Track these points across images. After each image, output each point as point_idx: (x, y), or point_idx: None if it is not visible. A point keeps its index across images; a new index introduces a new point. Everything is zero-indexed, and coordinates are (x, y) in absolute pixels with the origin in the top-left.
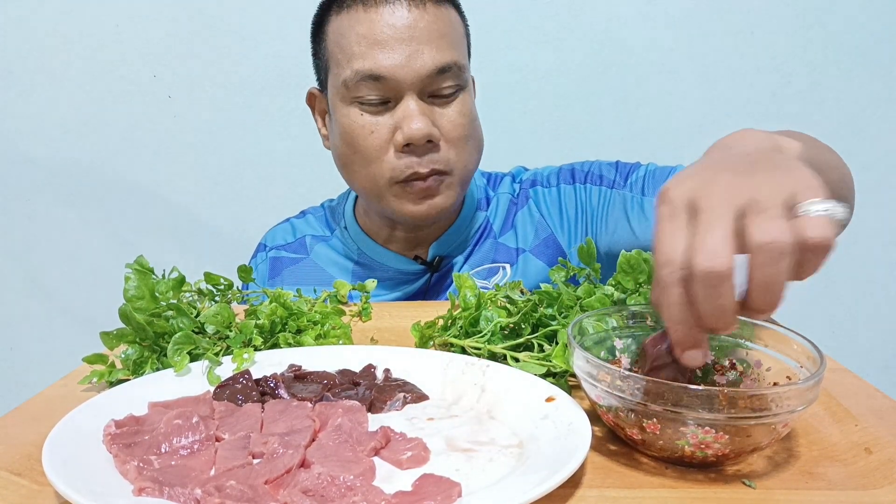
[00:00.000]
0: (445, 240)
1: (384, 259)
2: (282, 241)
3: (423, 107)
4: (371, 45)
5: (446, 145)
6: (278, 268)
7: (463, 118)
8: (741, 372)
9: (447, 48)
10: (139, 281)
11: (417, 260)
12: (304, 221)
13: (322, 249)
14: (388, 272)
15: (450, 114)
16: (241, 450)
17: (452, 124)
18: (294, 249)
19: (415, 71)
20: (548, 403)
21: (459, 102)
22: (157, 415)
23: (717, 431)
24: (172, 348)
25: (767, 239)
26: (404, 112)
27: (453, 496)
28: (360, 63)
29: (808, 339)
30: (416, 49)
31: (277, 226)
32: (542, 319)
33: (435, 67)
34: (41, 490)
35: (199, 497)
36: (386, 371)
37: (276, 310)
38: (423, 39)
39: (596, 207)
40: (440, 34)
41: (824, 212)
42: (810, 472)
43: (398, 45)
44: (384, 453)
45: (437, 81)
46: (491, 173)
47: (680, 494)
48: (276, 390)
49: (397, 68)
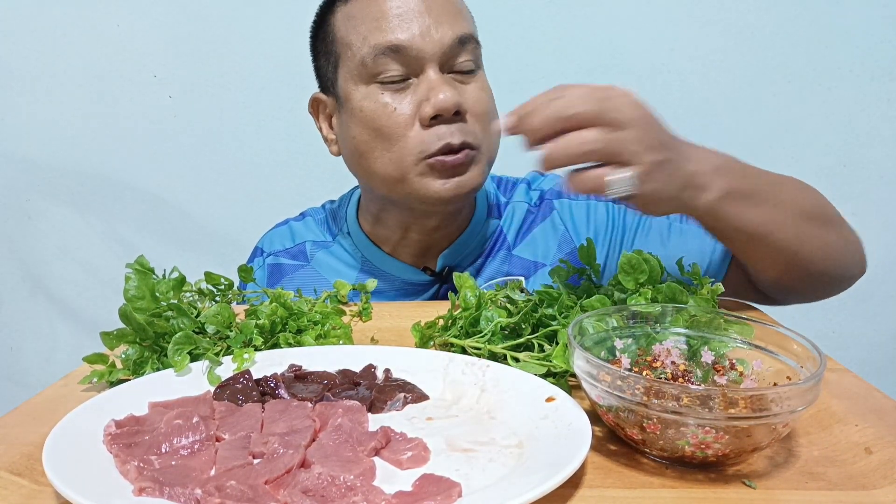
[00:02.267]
0: (456, 249)
1: (390, 269)
2: (280, 246)
3: (446, 79)
4: (388, 19)
5: (472, 118)
6: (277, 275)
7: (485, 94)
8: (741, 372)
9: (462, 21)
10: (139, 281)
11: (426, 271)
12: (303, 225)
13: (323, 257)
14: (394, 282)
15: (472, 89)
16: (241, 450)
17: (476, 99)
18: (293, 256)
19: (435, 41)
20: (548, 403)
21: (479, 80)
22: (157, 415)
23: (717, 431)
24: (173, 348)
25: (577, 140)
26: (429, 84)
27: (453, 496)
28: (378, 37)
29: (808, 339)
30: (434, 21)
31: (274, 229)
32: (543, 319)
33: (455, 37)
34: (41, 490)
35: (199, 497)
36: (386, 371)
37: (277, 310)
38: (440, 12)
39: (629, 227)
40: (454, 8)
41: (617, 175)
42: (810, 472)
43: (415, 17)
44: (384, 453)
45: (458, 54)
46: (501, 177)
47: (680, 494)
48: (277, 390)
49: (417, 38)
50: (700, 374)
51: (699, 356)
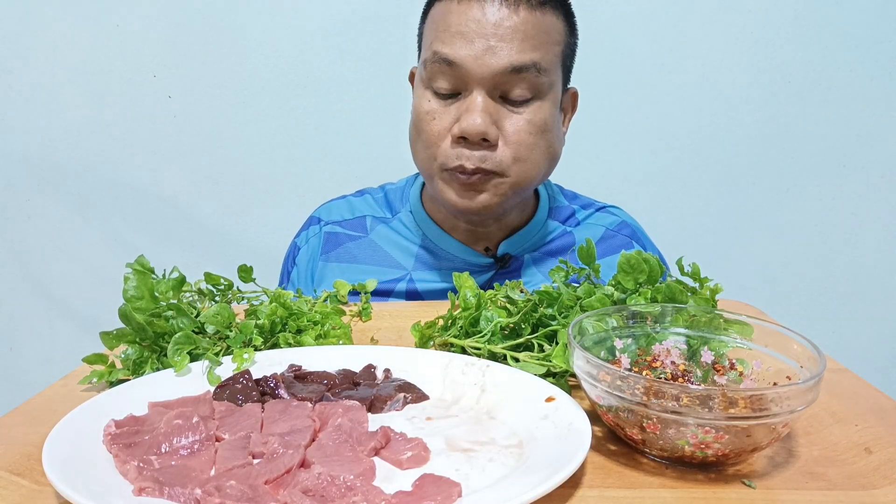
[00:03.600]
0: (516, 240)
1: (449, 247)
2: (338, 217)
3: (489, 104)
4: (454, 34)
5: (505, 148)
6: (335, 242)
7: (531, 126)
8: (741, 372)
9: (529, 50)
10: (139, 281)
11: (487, 253)
12: (362, 200)
13: (383, 230)
14: (454, 261)
15: (517, 120)
16: (241, 450)
17: (517, 129)
18: (352, 227)
19: (487, 65)
20: (548, 403)
21: (532, 111)
22: (157, 415)
23: (717, 431)
24: (172, 348)
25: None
26: (468, 105)
27: (453, 496)
28: (439, 46)
29: (808, 339)
30: (494, 45)
31: (332, 201)
32: (542, 319)
33: (509, 65)
34: (41, 490)
35: (199, 497)
36: (386, 371)
37: (276, 310)
38: (505, 38)
39: None
40: (525, 35)
41: None
42: (810, 472)
43: (478, 38)
44: (384, 453)
45: (511, 82)
46: (578, 195)
47: (680, 494)
48: (276, 390)
49: (470, 58)
50: (700, 374)
51: (699, 356)
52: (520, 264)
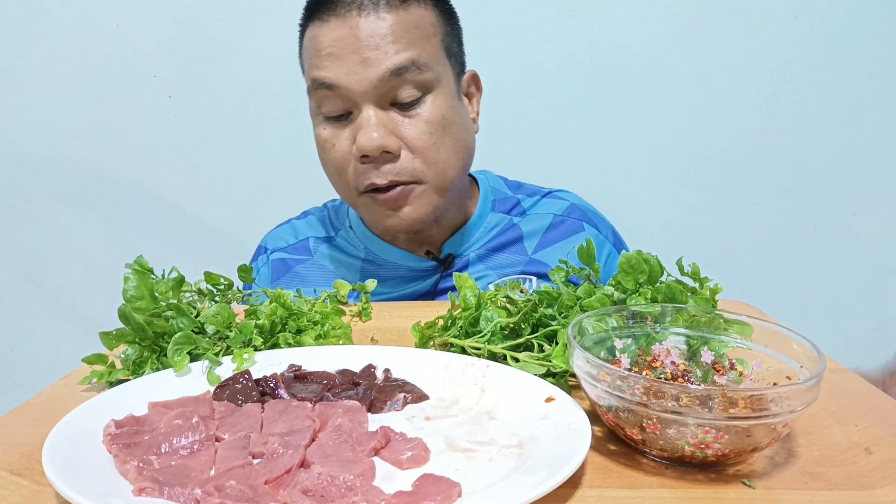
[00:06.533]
0: (458, 239)
1: (392, 256)
2: (283, 243)
3: (381, 116)
4: (325, 56)
5: (411, 155)
6: (283, 268)
7: (430, 126)
8: (741, 372)
9: (404, 49)
10: (139, 281)
11: (428, 256)
12: (305, 223)
13: (326, 250)
14: (397, 270)
15: (414, 122)
16: (241, 450)
17: (417, 132)
18: (297, 251)
19: (365, 78)
20: (548, 403)
21: (427, 109)
22: (157, 415)
23: (717, 431)
24: (172, 348)
25: None
26: (360, 122)
27: (453, 496)
28: (315, 72)
29: (808, 339)
30: (368, 56)
31: (278, 227)
32: (542, 319)
33: (387, 70)
34: (41, 490)
35: (199, 497)
36: (386, 371)
37: (276, 310)
38: (376, 46)
39: None
40: (395, 37)
41: None
42: (810, 472)
43: (349, 54)
44: (384, 453)
45: (395, 87)
46: (524, 184)
47: (680, 494)
48: (276, 390)
49: (347, 76)
50: (700, 374)
51: (699, 356)
52: (466, 262)
